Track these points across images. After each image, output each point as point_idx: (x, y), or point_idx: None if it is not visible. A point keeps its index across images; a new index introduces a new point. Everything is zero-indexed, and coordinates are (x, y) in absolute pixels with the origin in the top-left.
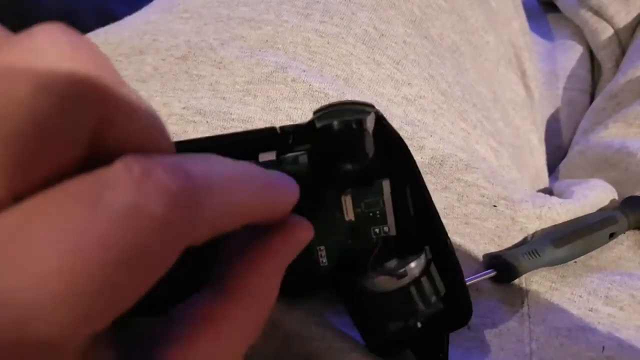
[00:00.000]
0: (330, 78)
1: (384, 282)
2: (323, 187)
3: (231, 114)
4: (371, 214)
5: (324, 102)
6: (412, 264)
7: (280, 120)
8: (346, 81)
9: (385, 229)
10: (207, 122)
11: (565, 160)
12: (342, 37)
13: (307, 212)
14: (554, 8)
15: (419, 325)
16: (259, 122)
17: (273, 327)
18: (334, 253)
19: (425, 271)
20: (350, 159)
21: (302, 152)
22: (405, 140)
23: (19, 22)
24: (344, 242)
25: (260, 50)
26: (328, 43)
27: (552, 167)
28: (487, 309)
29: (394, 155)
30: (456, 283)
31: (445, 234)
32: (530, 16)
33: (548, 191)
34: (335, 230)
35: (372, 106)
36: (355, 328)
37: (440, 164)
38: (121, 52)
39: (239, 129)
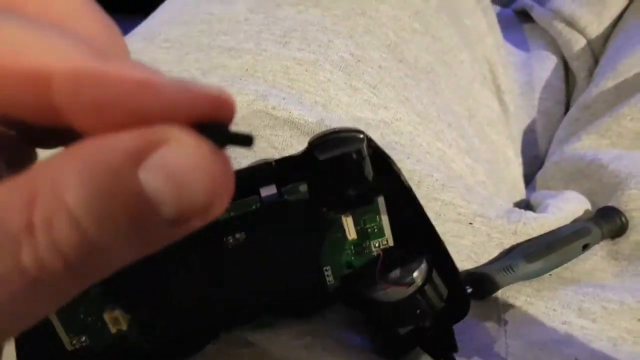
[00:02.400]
0: (309, 104)
1: (392, 293)
2: (324, 211)
3: None
4: (370, 230)
5: (304, 129)
6: (416, 273)
7: (262, 147)
8: (324, 107)
9: (384, 241)
10: None
11: (541, 171)
12: (320, 64)
13: (311, 236)
14: (529, 18)
15: (428, 324)
16: (241, 150)
17: (263, 353)
18: (339, 271)
19: (428, 277)
20: (352, 185)
21: (302, 181)
22: None
23: None
24: (348, 259)
25: (241, 79)
26: (306, 70)
27: (530, 178)
28: (464, 325)
29: (384, 173)
30: (455, 282)
31: (441, 239)
32: (506, 26)
33: (525, 202)
34: (340, 249)
35: (361, 131)
36: (347, 345)
37: (417, 185)
38: None
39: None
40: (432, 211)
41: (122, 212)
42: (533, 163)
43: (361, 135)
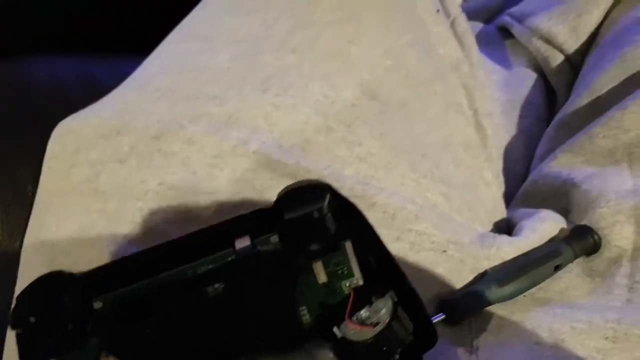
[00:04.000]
0: (288, 147)
1: (359, 333)
2: (296, 259)
3: (201, 187)
4: (340, 272)
5: (282, 171)
6: (382, 311)
7: (244, 190)
8: (302, 148)
9: (354, 281)
10: (180, 196)
11: (520, 189)
12: (297, 108)
13: (285, 281)
14: (511, 35)
15: (397, 358)
16: (226, 193)
17: None
18: (314, 310)
19: (394, 314)
20: (316, 240)
21: (273, 232)
22: (358, 199)
23: (8, 95)
24: (321, 299)
25: (225, 126)
26: (284, 114)
27: (512, 194)
28: (437, 352)
29: (350, 218)
30: (421, 316)
31: (405, 275)
32: (489, 43)
33: (506, 222)
34: (313, 291)
35: (325, 185)
36: None
37: (391, 217)
38: (101, 134)
39: (208, 202)
40: (407, 242)
41: None
42: (517, 181)
43: (323, 191)
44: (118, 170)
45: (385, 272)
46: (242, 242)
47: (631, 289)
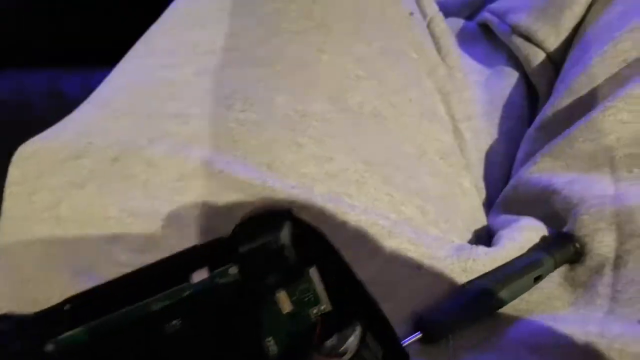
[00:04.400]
0: (254, 166)
1: None
2: (257, 290)
3: (162, 213)
4: (306, 299)
5: (248, 192)
6: (350, 339)
7: (208, 213)
8: (269, 167)
9: (322, 307)
10: (141, 222)
11: (501, 195)
12: (263, 124)
13: (247, 314)
14: (492, 32)
15: None
16: (190, 218)
17: None
18: (281, 341)
19: (362, 340)
20: (275, 270)
21: (231, 264)
22: (328, 217)
23: None
24: (288, 329)
25: (187, 146)
26: (249, 131)
27: (494, 199)
28: None
29: (314, 242)
30: (391, 340)
31: (374, 300)
32: (469, 40)
33: (486, 229)
34: (278, 322)
35: (284, 212)
36: None
37: (364, 234)
38: (60, 158)
39: (171, 229)
40: (381, 258)
41: None
42: (498, 185)
43: (283, 219)
44: (78, 197)
45: (354, 296)
46: (200, 275)
47: (613, 299)
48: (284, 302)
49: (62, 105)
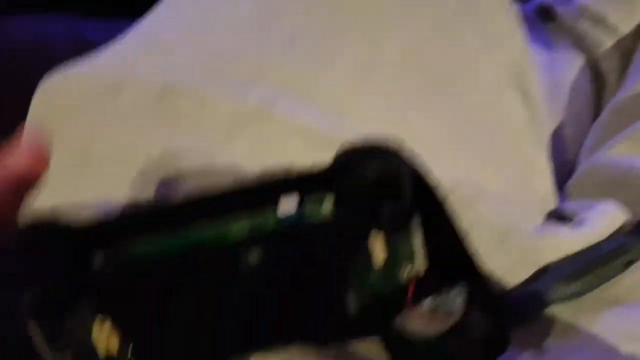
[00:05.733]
0: (321, 112)
1: (425, 327)
2: (348, 232)
3: (214, 156)
4: (400, 254)
5: (315, 140)
6: (454, 304)
7: (267, 161)
8: (339, 113)
9: (417, 266)
10: (187, 166)
11: (573, 179)
12: (327, 70)
13: (333, 260)
14: (549, 16)
15: None
16: (244, 164)
17: None
18: (364, 299)
19: (468, 310)
20: (377, 211)
21: (326, 193)
22: None
23: None
24: (375, 284)
25: (245, 86)
26: (314, 77)
27: (559, 185)
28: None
29: (419, 191)
30: (497, 316)
31: (481, 266)
32: (527, 24)
33: (557, 213)
34: (365, 274)
35: (394, 149)
36: None
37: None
38: (97, 90)
39: (221, 174)
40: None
41: None
42: (562, 170)
43: (393, 154)
44: (114, 132)
45: (458, 260)
46: (289, 201)
47: None
48: (378, 251)
49: (86, 50)
